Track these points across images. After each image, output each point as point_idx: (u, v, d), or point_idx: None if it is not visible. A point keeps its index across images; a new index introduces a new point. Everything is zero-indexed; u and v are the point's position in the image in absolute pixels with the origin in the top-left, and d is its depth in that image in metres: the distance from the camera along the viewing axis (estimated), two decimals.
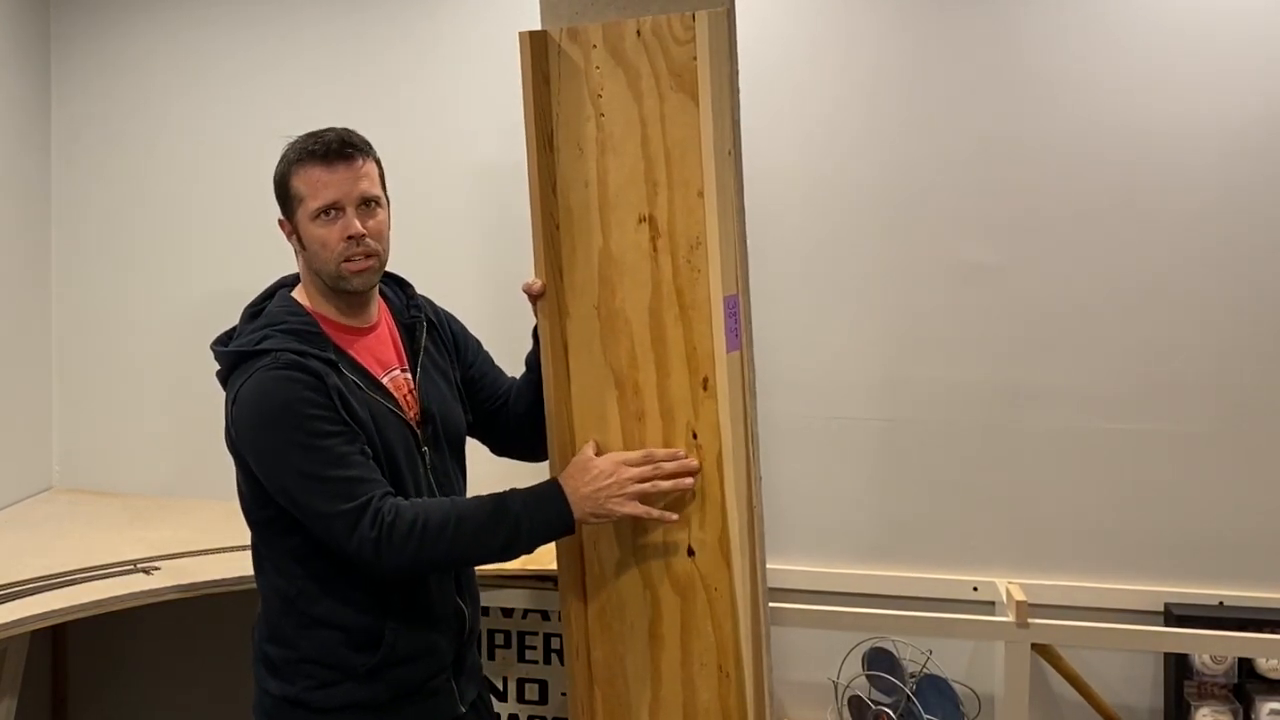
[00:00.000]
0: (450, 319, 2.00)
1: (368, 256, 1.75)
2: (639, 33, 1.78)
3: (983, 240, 2.60)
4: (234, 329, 1.82)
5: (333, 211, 1.73)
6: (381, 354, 1.83)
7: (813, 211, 2.65)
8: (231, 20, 2.92)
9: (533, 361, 1.97)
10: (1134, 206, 2.53)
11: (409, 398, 1.83)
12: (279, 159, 1.79)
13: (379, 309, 1.86)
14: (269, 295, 1.84)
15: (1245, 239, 2.49)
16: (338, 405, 1.68)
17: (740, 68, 1.84)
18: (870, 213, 2.64)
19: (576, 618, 1.93)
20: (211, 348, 1.80)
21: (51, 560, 2.41)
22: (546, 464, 1.93)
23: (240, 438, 1.72)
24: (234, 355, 1.74)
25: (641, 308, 1.82)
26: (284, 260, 1.86)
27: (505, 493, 1.74)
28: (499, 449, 2.06)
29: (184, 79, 2.96)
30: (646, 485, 1.75)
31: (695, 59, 1.75)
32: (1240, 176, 2.48)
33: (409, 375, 1.85)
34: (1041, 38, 2.54)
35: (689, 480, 1.78)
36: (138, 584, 2.30)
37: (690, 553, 1.83)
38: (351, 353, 1.78)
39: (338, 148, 1.74)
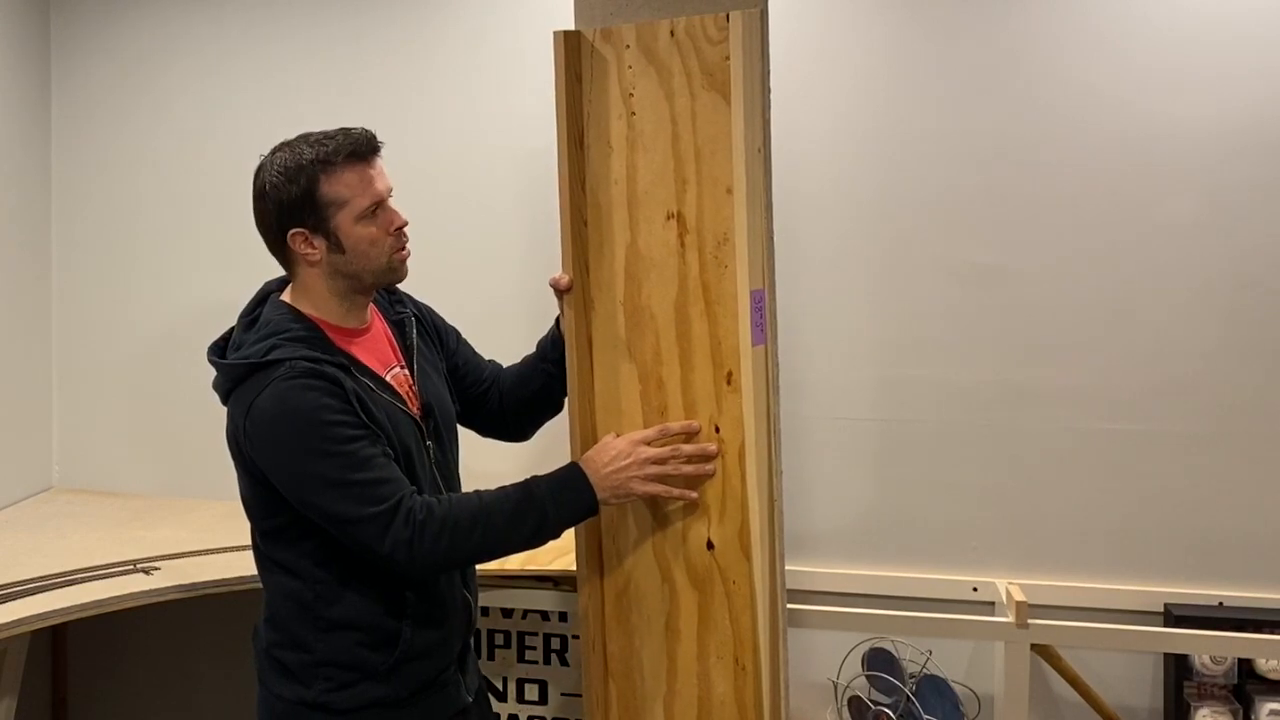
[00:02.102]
0: (430, 311, 2.01)
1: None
2: (672, 33, 1.82)
3: (984, 241, 2.60)
4: (227, 338, 1.80)
5: (377, 209, 1.74)
6: (380, 353, 1.83)
7: (813, 212, 2.65)
8: (238, 20, 2.92)
9: (546, 347, 2.00)
10: (1135, 207, 2.53)
11: (410, 393, 1.83)
12: (280, 173, 1.71)
13: (370, 309, 1.86)
14: (261, 301, 1.82)
15: (1244, 240, 2.49)
16: (357, 409, 1.67)
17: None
18: (872, 213, 2.64)
19: (593, 611, 1.94)
20: (211, 360, 1.76)
21: (51, 560, 2.41)
22: (520, 445, 1.97)
23: (258, 450, 1.68)
24: (242, 367, 1.70)
25: (667, 303, 1.85)
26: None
27: (528, 480, 1.75)
28: (484, 431, 2.08)
29: (186, 79, 2.96)
30: (668, 468, 1.78)
31: (728, 58, 1.78)
32: (1241, 177, 2.48)
33: (407, 371, 1.85)
34: (1044, 43, 2.54)
35: (710, 467, 1.81)
36: (138, 584, 2.30)
37: (710, 546, 1.85)
38: (356, 354, 1.77)
39: (370, 144, 1.74)
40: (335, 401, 1.65)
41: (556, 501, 1.73)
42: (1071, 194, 2.55)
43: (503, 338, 2.13)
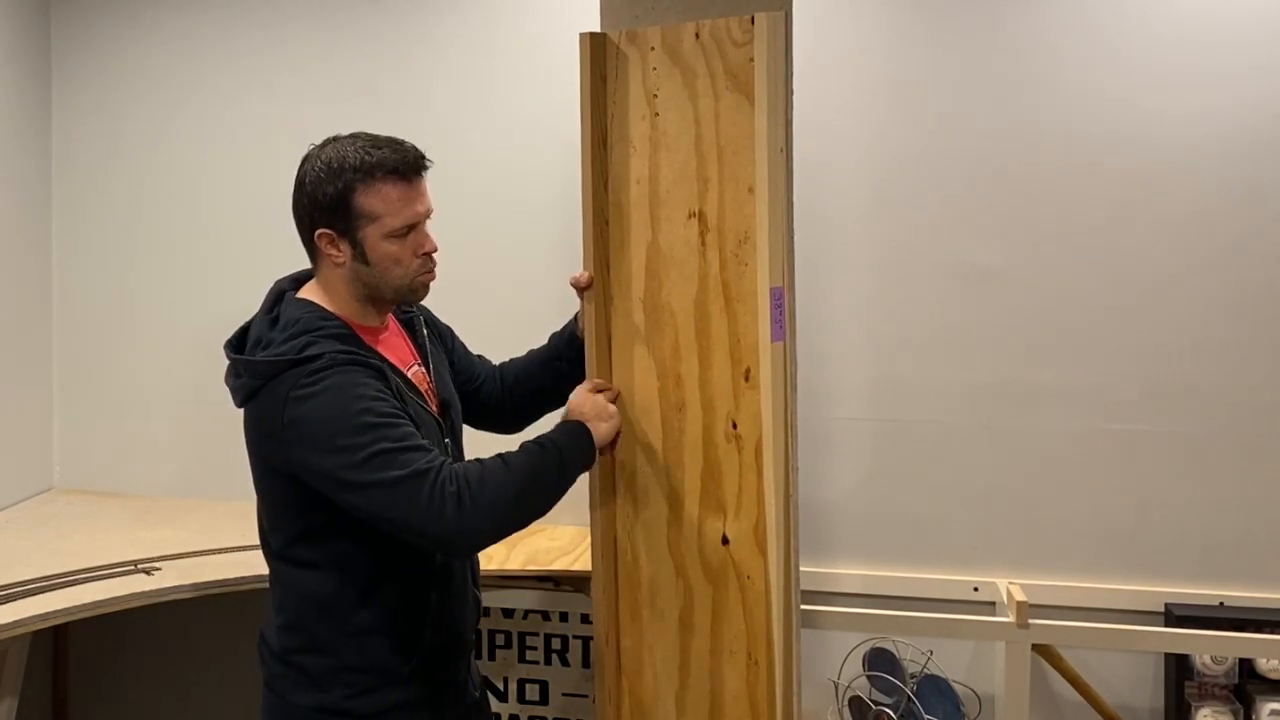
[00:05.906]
0: (426, 309, 1.99)
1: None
2: (697, 35, 1.84)
3: (985, 241, 2.60)
4: (245, 334, 1.74)
5: (410, 230, 1.70)
6: (400, 352, 1.82)
7: (815, 212, 2.65)
8: (242, 21, 2.91)
9: (561, 345, 2.00)
10: (1136, 208, 2.53)
11: (430, 392, 1.83)
12: (323, 170, 1.67)
13: None
14: (278, 298, 1.76)
15: (1245, 241, 2.49)
16: (398, 400, 1.65)
17: None
18: (873, 213, 2.64)
19: (607, 607, 1.95)
20: (235, 358, 1.69)
21: (51, 560, 2.41)
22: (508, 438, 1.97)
23: (297, 442, 1.60)
24: (280, 363, 1.63)
25: (687, 301, 1.87)
26: (285, 260, 1.85)
27: (540, 438, 1.72)
28: (477, 423, 2.06)
29: (189, 80, 2.95)
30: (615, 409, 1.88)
31: (753, 60, 1.80)
32: (1242, 177, 2.48)
33: (424, 369, 1.85)
34: (1045, 46, 2.55)
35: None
36: (138, 584, 2.30)
37: (725, 541, 1.86)
38: (384, 353, 1.76)
39: (416, 163, 1.69)
40: (383, 389, 1.63)
41: (574, 453, 1.74)
42: (1073, 195, 2.55)
43: (528, 336, 2.12)
